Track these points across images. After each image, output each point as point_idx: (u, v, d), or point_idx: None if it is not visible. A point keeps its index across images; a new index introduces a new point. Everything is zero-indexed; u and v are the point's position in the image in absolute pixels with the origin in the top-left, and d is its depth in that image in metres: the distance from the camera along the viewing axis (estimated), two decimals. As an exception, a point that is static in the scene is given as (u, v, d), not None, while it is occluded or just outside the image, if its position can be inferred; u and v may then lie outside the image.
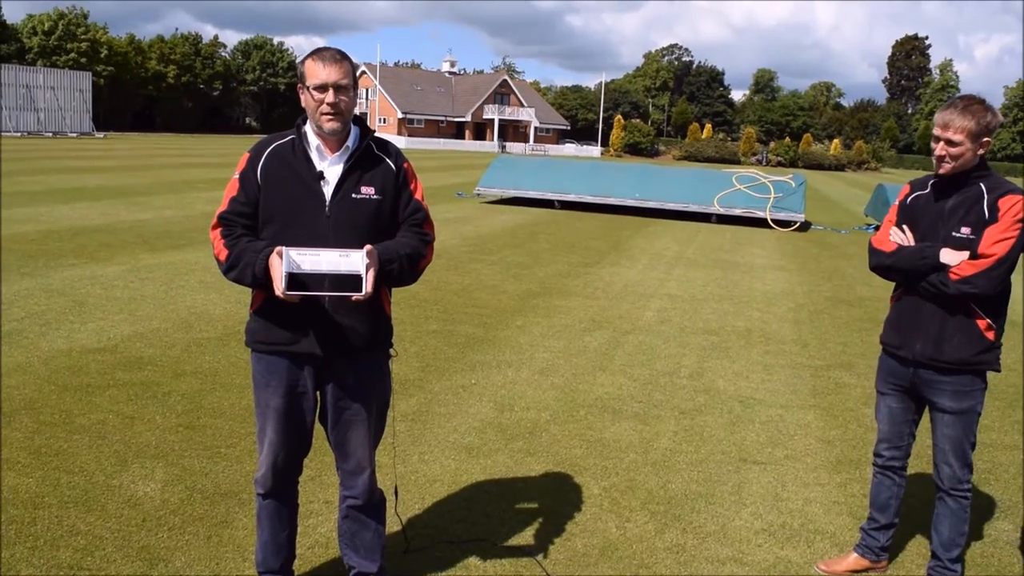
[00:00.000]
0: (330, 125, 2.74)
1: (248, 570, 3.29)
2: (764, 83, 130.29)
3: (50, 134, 55.79)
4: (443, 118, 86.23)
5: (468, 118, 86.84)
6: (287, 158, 2.82)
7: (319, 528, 3.72)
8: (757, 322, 8.60)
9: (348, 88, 2.75)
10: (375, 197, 2.84)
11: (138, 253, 10.61)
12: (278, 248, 2.63)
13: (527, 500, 4.15)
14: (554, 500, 4.17)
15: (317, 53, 2.76)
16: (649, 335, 7.76)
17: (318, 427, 3.02)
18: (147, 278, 9.02)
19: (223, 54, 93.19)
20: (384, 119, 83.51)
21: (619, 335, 7.70)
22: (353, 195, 2.81)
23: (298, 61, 2.85)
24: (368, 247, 2.67)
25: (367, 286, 2.64)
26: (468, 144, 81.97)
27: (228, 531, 3.66)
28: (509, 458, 4.67)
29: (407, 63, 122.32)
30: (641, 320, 8.39)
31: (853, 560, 3.67)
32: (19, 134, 53.41)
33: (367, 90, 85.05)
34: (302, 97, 2.78)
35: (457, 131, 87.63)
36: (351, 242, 2.72)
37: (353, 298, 2.66)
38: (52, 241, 11.23)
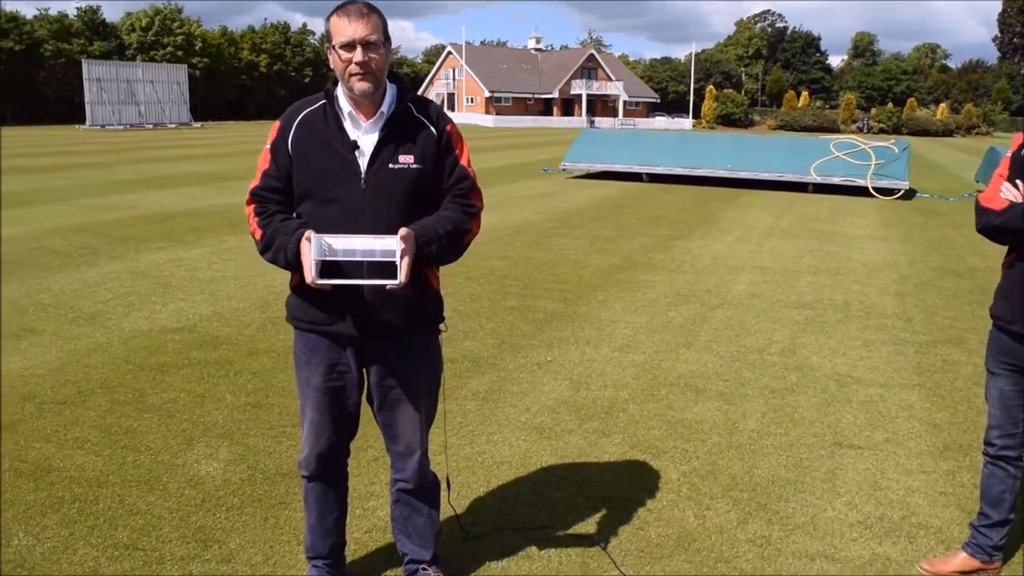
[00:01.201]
0: (360, 85, 2.51)
1: (300, 555, 3.15)
2: (863, 47, 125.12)
3: (151, 126, 57.80)
4: (530, 95, 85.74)
5: (555, 94, 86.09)
6: (318, 126, 2.61)
7: (378, 511, 3.56)
8: (856, 295, 8.09)
9: (378, 44, 2.51)
10: (415, 166, 2.60)
11: (223, 235, 10.74)
12: (307, 233, 2.43)
13: (598, 485, 3.90)
14: (628, 485, 3.90)
15: (342, 7, 2.51)
16: (738, 310, 7.37)
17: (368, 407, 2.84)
18: (229, 259, 9.09)
19: (312, 41, 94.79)
20: (472, 99, 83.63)
21: (706, 310, 7.34)
22: (390, 165, 2.58)
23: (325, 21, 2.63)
24: (403, 231, 2.45)
25: (402, 275, 2.43)
26: (556, 120, 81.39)
27: (285, 513, 3.53)
28: (582, 439, 4.42)
29: (493, 42, 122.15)
30: (730, 294, 7.99)
31: (962, 560, 3.25)
32: (122, 127, 55.52)
33: (454, 70, 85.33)
34: (330, 58, 2.55)
35: (545, 108, 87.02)
36: (389, 217, 2.52)
37: (388, 287, 2.46)
38: (143, 226, 11.47)
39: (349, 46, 2.48)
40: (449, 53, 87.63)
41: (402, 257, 2.44)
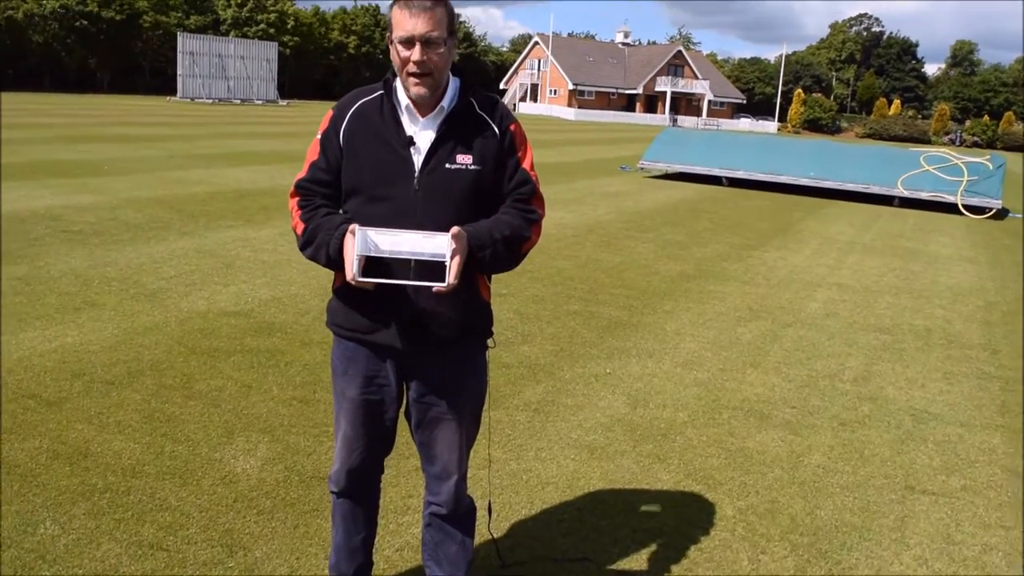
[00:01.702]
0: (417, 90, 2.32)
1: (326, 572, 3.00)
2: (962, 56, 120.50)
3: (238, 101, 59.09)
4: (614, 90, 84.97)
5: (640, 90, 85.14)
6: (373, 119, 2.43)
7: (412, 528, 3.39)
8: (939, 321, 7.64)
9: (440, 41, 2.29)
10: (473, 167, 2.40)
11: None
12: (352, 226, 2.25)
13: (648, 516, 3.66)
14: (679, 519, 3.66)
15: None
16: (811, 329, 7.02)
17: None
18: (295, 242, 9.06)
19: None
20: (555, 90, 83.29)
21: (777, 328, 7.00)
22: (447, 165, 2.38)
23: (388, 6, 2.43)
24: (455, 230, 2.24)
25: (451, 276, 2.22)
26: (638, 117, 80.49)
27: (317, 521, 3.39)
28: (635, 463, 4.18)
29: (581, 34, 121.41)
30: (804, 312, 7.62)
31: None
32: (211, 101, 56.89)
33: (539, 60, 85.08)
34: (390, 51, 2.36)
35: (628, 103, 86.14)
36: (442, 218, 2.31)
37: (434, 290, 2.25)
38: (217, 203, 11.58)
39: (408, 42, 2.28)
40: (536, 43, 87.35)
41: (452, 257, 2.24)
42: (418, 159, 2.38)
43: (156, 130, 25.73)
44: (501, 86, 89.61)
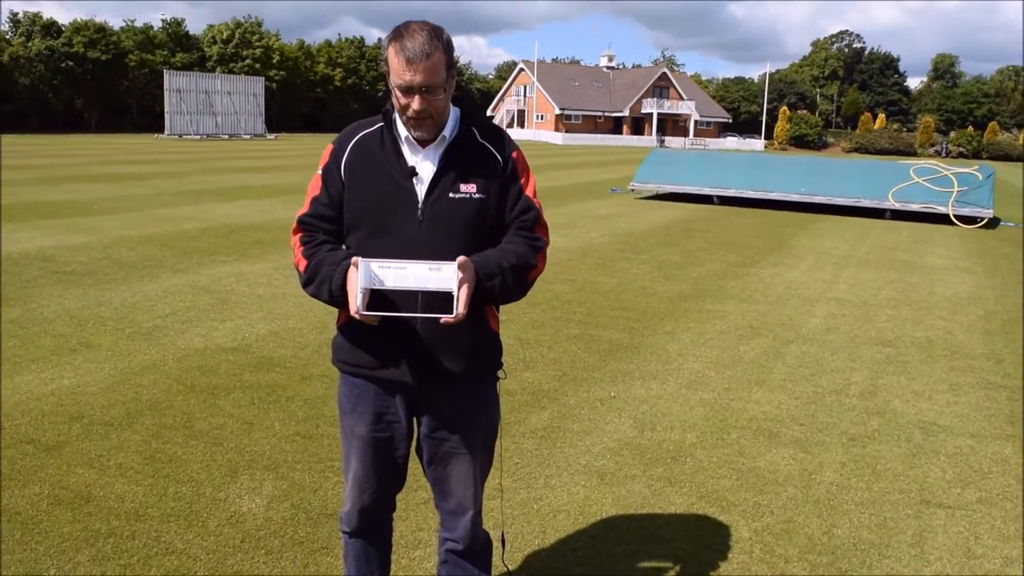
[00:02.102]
0: (417, 132, 2.32)
1: (339, 612, 2.93)
2: (944, 69, 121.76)
3: (226, 136, 59.17)
4: (600, 113, 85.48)
5: (626, 113, 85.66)
6: (374, 150, 2.39)
7: (425, 562, 3.32)
8: (940, 332, 7.62)
9: (439, 87, 2.24)
10: (477, 196, 2.36)
11: (287, 251, 10.69)
12: (355, 259, 2.20)
13: (662, 541, 3.60)
14: (695, 543, 3.59)
15: (399, 41, 2.23)
16: (814, 345, 6.98)
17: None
18: (292, 276, 9.00)
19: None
20: (541, 116, 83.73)
21: (779, 344, 6.96)
22: (451, 194, 2.34)
23: (383, 39, 2.39)
24: (462, 259, 2.19)
25: (459, 307, 2.18)
26: (625, 139, 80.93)
27: (327, 559, 3.32)
28: (646, 487, 4.12)
29: (566, 59, 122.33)
30: (805, 328, 7.59)
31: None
32: (199, 137, 56.93)
33: (525, 87, 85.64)
34: (392, 92, 2.33)
35: (615, 126, 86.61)
36: (448, 249, 2.26)
37: (442, 321, 2.20)
38: (208, 238, 11.53)
39: (407, 91, 2.24)
40: (521, 70, 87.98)
41: (460, 286, 2.19)
42: (421, 189, 2.34)
43: (144, 168, 25.71)
44: (488, 113, 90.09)
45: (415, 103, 2.24)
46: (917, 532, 3.78)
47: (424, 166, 2.36)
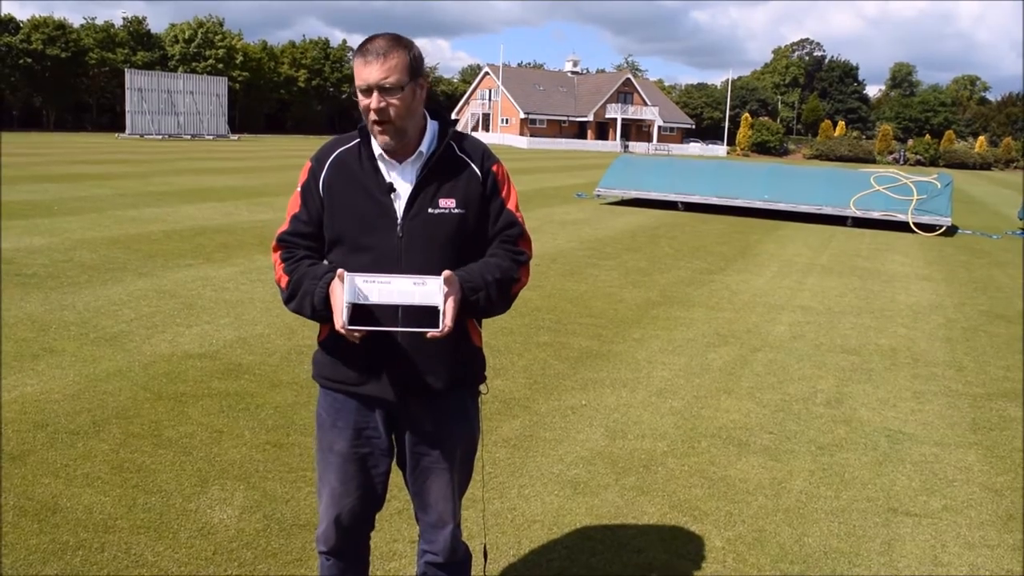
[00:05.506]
0: (381, 139, 2.29)
1: (315, 626, 2.90)
2: (902, 77, 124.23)
3: (188, 137, 58.46)
4: (565, 118, 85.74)
5: (590, 118, 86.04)
6: (352, 167, 2.38)
7: (399, 574, 3.31)
8: (903, 340, 7.75)
9: (397, 88, 2.22)
10: (456, 211, 2.35)
11: (253, 254, 10.59)
12: (340, 272, 2.18)
13: (637, 551, 3.62)
14: (668, 552, 3.62)
15: (364, 45, 2.25)
16: (780, 352, 7.06)
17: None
18: (258, 280, 8.93)
19: (351, 57, 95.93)
20: (507, 120, 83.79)
21: (746, 352, 7.04)
22: (430, 210, 2.33)
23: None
24: (447, 273, 2.19)
25: (445, 321, 2.17)
26: (590, 144, 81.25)
27: (300, 572, 3.29)
28: (619, 496, 4.14)
29: (530, 63, 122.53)
30: (771, 335, 7.68)
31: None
32: (160, 137, 56.17)
33: (490, 90, 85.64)
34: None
35: (579, 131, 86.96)
36: (428, 265, 2.26)
37: (428, 335, 2.20)
38: (173, 241, 11.37)
39: (366, 91, 2.24)
40: (486, 73, 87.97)
41: (446, 300, 2.18)
42: (400, 205, 2.33)
43: (106, 168, 25.31)
44: (453, 116, 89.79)
45: (373, 101, 2.23)
46: (885, 540, 3.84)
47: (401, 182, 2.35)
